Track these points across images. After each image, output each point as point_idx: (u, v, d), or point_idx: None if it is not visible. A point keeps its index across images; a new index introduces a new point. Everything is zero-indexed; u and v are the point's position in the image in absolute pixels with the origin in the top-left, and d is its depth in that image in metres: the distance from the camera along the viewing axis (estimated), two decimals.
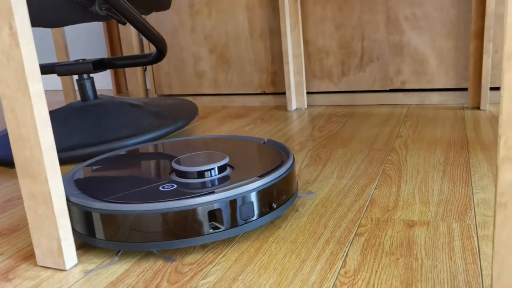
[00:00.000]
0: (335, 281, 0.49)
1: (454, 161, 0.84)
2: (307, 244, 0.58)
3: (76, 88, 2.25)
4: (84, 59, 1.22)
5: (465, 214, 0.62)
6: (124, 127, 1.10)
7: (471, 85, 1.24)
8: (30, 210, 0.56)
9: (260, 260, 0.55)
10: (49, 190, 0.54)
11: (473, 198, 0.67)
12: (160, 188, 0.61)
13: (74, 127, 1.11)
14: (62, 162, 1.05)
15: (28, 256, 0.61)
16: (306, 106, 1.45)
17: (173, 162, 0.67)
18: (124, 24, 1.05)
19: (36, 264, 0.58)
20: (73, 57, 2.28)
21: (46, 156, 0.53)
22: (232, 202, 0.58)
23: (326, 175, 0.82)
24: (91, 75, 1.75)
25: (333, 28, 1.39)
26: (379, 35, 1.35)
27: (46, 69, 1.25)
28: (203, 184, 0.62)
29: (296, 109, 1.44)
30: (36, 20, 1.13)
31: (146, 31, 1.05)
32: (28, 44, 0.51)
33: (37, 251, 0.57)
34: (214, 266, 0.55)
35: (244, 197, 0.59)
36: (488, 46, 1.17)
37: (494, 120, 1.11)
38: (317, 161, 0.91)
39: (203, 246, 0.60)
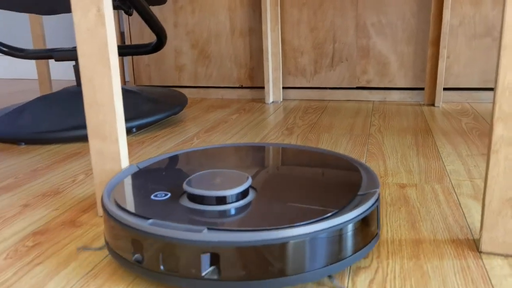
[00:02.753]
0: None
1: (423, 143, 1.01)
2: None
3: (52, 77, 2.27)
4: None
5: (442, 179, 0.79)
6: (124, 110, 1.19)
7: (427, 85, 1.44)
8: (97, 166, 0.65)
9: None
10: (118, 148, 0.63)
11: (446, 169, 0.84)
12: (152, 196, 0.56)
13: (75, 109, 1.17)
14: (68, 140, 1.11)
15: (85, 209, 0.70)
16: (281, 100, 1.59)
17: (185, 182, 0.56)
18: (130, 15, 1.13)
19: (96, 215, 0.67)
20: (49, 46, 2.28)
21: (118, 120, 0.63)
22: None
23: None
24: None
25: (308, 30, 1.54)
26: (349, 38, 1.52)
27: (43, 54, 1.30)
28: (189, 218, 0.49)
29: (272, 102, 1.58)
30: (34, 7, 1.18)
31: (151, 21, 1.14)
32: (110, 24, 0.60)
33: (99, 203, 0.66)
34: None
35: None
36: (443, 52, 1.37)
37: (447, 114, 1.30)
38: (308, 143, 1.05)
39: None
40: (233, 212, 0.50)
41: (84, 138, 1.13)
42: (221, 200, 0.52)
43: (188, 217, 0.49)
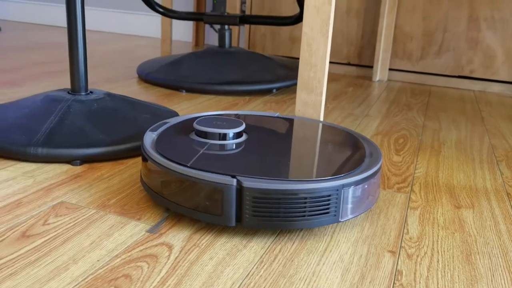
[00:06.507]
0: (503, 182, 0.79)
1: None
2: (468, 162, 0.88)
3: (173, 37, 2.49)
4: (228, 13, 1.48)
5: None
6: (265, 72, 1.38)
7: None
8: (299, 112, 0.84)
9: (442, 163, 0.85)
10: (320, 100, 0.82)
11: None
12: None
13: (224, 67, 1.37)
14: (221, 93, 1.31)
15: None
16: (386, 79, 1.74)
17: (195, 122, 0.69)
18: None
19: None
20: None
21: (325, 78, 0.81)
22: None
23: (446, 127, 1.12)
24: (231, 27, 1.92)
25: (421, 18, 1.68)
26: (460, 29, 1.64)
27: (194, 16, 1.50)
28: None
29: (378, 80, 1.73)
30: None
31: None
32: (332, 4, 0.78)
33: None
34: None
35: None
36: None
37: None
38: (430, 118, 1.20)
39: None
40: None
41: (235, 93, 1.32)
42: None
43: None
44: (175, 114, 0.96)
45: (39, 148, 0.72)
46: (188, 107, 1.16)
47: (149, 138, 0.67)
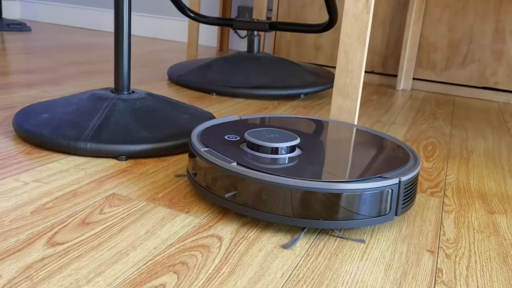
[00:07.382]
0: None
1: None
2: (497, 170, 0.90)
3: (198, 42, 2.54)
4: (257, 19, 1.51)
5: None
6: (293, 77, 1.41)
7: None
8: (334, 117, 0.87)
9: (472, 171, 0.87)
10: (355, 105, 0.85)
11: None
12: (226, 137, 0.70)
13: (253, 71, 1.41)
14: (250, 97, 1.34)
15: None
16: (410, 88, 1.76)
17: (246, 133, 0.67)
18: None
19: None
20: None
21: (360, 84, 0.84)
22: None
23: (473, 137, 1.14)
24: (260, 33, 1.97)
25: (446, 29, 1.70)
26: (485, 41, 1.66)
27: (223, 21, 1.54)
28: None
29: (402, 89, 1.75)
30: None
31: (330, 1, 1.34)
32: (370, 13, 0.81)
33: None
34: None
35: None
36: None
37: None
38: (457, 127, 1.22)
39: None
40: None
41: (264, 97, 1.36)
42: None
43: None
44: (212, 116, 0.99)
45: (88, 143, 0.76)
46: (220, 109, 1.19)
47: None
